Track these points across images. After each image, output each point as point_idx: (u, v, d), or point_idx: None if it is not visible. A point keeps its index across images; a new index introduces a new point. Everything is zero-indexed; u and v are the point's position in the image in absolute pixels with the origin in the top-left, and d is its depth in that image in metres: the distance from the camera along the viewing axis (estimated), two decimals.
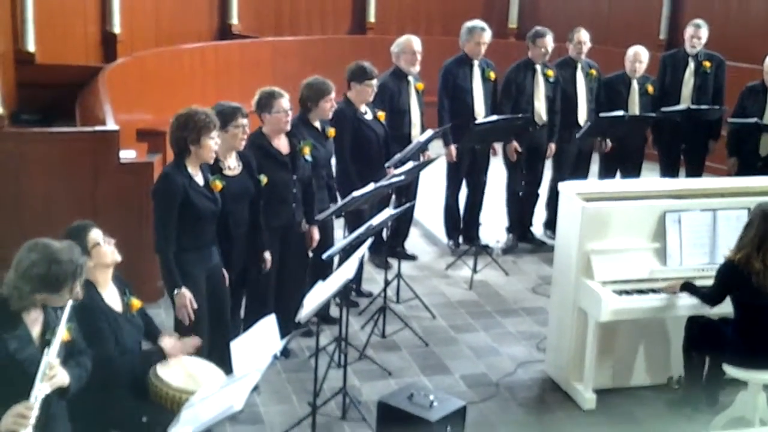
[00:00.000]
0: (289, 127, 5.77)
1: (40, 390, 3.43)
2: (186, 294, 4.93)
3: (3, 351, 3.48)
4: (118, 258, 4.33)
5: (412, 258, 7.85)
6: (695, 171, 8.42)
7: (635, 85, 8.14)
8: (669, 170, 8.50)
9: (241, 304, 5.74)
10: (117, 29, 9.72)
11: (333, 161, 6.59)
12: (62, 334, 3.56)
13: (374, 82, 6.76)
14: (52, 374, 3.48)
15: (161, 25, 10.41)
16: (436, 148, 7.73)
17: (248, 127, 5.35)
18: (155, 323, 4.68)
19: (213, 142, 4.92)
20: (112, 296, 4.34)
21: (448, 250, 8.05)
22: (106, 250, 4.27)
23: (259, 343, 4.30)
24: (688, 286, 5.46)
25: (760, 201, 5.38)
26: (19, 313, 3.56)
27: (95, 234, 4.26)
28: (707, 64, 8.26)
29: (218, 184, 5.12)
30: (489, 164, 7.98)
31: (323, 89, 6.14)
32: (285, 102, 5.69)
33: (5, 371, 3.48)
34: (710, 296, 5.36)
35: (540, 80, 7.89)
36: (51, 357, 3.50)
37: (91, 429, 4.15)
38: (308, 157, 5.90)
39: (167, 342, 4.44)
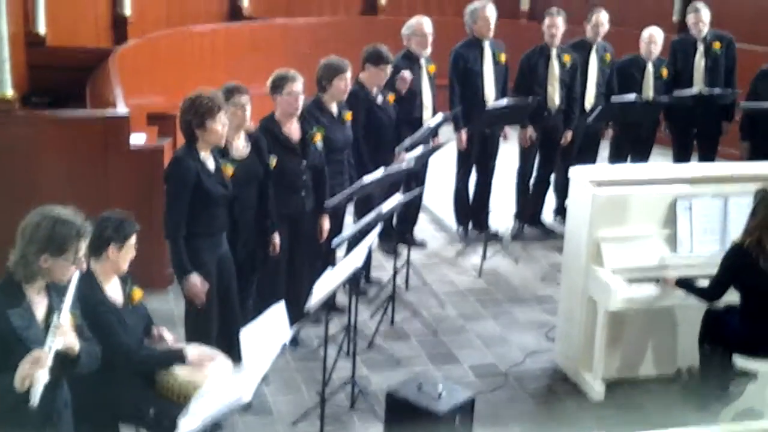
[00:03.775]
0: (299, 111, 5.73)
1: (53, 342, 3.43)
2: (196, 279, 4.93)
3: (6, 325, 3.48)
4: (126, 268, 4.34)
5: (422, 245, 7.81)
6: (708, 155, 8.37)
7: (650, 68, 8.06)
8: (682, 155, 8.42)
9: (250, 291, 5.70)
10: (128, 11, 9.71)
11: None
12: (71, 300, 3.56)
13: (389, 67, 6.72)
14: (63, 330, 3.47)
15: (172, 7, 10.38)
16: (447, 131, 7.69)
17: (249, 105, 5.31)
18: (150, 316, 4.58)
19: (219, 125, 4.89)
20: (113, 288, 4.32)
21: (457, 237, 8.03)
22: (129, 258, 4.29)
23: (268, 331, 4.30)
24: (683, 283, 5.41)
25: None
26: (24, 291, 3.56)
27: (135, 238, 4.29)
28: (717, 45, 8.17)
29: (229, 169, 5.12)
30: (498, 149, 7.92)
31: (338, 67, 6.09)
32: (297, 85, 5.63)
33: (9, 345, 3.46)
34: (710, 289, 5.31)
35: (555, 65, 7.80)
36: (62, 316, 3.51)
37: (99, 423, 4.16)
38: (319, 144, 5.87)
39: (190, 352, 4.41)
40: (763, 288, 5.16)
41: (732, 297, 5.33)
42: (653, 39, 8.02)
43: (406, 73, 7.09)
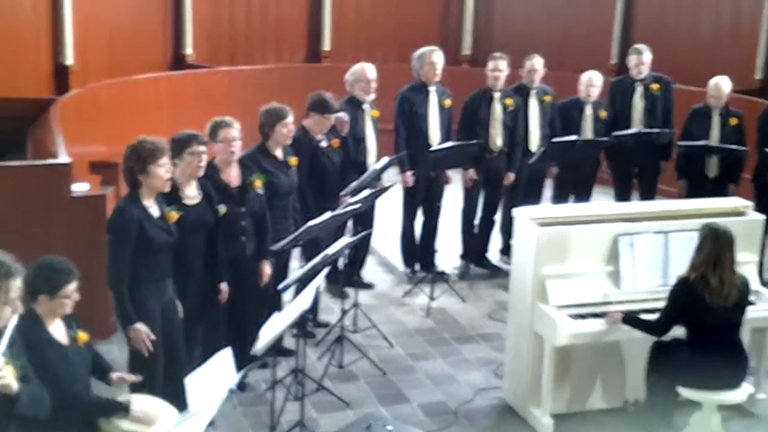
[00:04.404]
0: (235, 157, 5.74)
1: None
2: (141, 328, 4.88)
3: None
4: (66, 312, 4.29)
5: (369, 287, 7.84)
6: (648, 194, 8.53)
7: (588, 110, 8.23)
8: (622, 194, 8.58)
9: (197, 338, 5.65)
10: (69, 60, 9.67)
11: None
12: (6, 342, 3.49)
13: (333, 116, 6.79)
14: None
15: (114, 56, 10.35)
16: (392, 174, 7.74)
17: (206, 155, 5.31)
18: (105, 358, 4.59)
19: (162, 170, 4.86)
20: (57, 330, 4.26)
21: (404, 278, 8.04)
22: (69, 304, 4.23)
23: (214, 377, 4.26)
24: (630, 320, 5.46)
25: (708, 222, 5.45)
26: None
27: (73, 287, 4.22)
28: (655, 86, 8.36)
29: (173, 215, 5.07)
30: (443, 191, 8.00)
31: (279, 113, 6.12)
32: (231, 131, 5.64)
33: None
34: (660, 323, 5.37)
35: (497, 108, 7.91)
36: None
37: None
38: (260, 190, 5.88)
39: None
40: (708, 323, 5.24)
41: (679, 330, 5.39)
42: (591, 82, 8.19)
43: (343, 115, 7.16)
